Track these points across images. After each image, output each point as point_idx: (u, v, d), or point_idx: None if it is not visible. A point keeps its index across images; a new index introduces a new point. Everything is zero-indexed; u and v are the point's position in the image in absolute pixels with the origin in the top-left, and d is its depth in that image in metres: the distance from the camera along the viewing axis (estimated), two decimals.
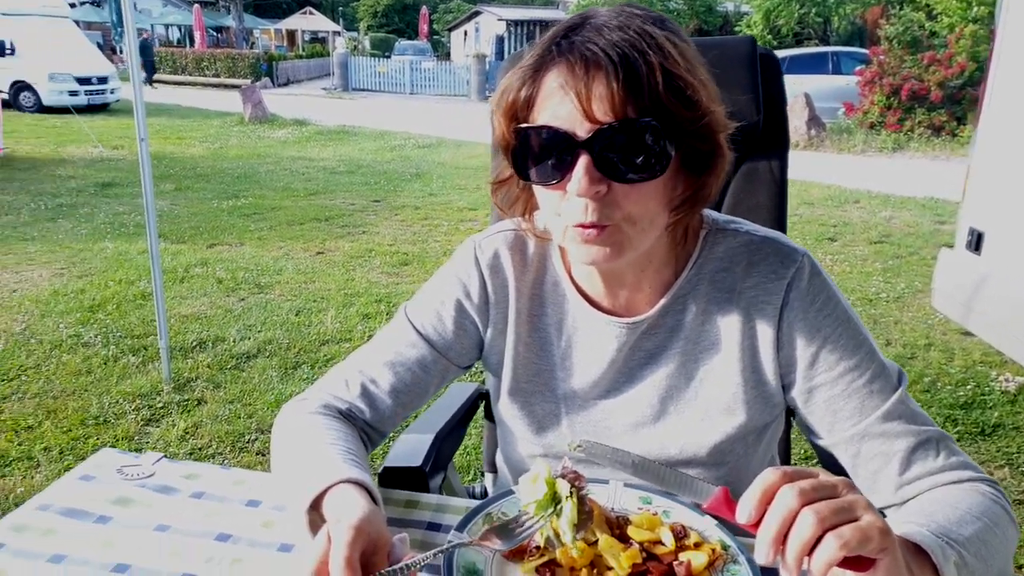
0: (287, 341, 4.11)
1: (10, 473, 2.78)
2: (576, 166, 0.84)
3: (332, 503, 0.84)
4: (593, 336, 1.04)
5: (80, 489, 1.01)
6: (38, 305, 4.57)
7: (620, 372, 1.04)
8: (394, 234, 6.58)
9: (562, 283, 1.06)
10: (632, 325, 1.01)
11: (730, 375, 1.00)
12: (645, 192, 0.87)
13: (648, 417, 1.03)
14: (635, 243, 0.89)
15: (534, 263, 1.07)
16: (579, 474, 0.82)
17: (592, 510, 0.83)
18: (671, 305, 1.01)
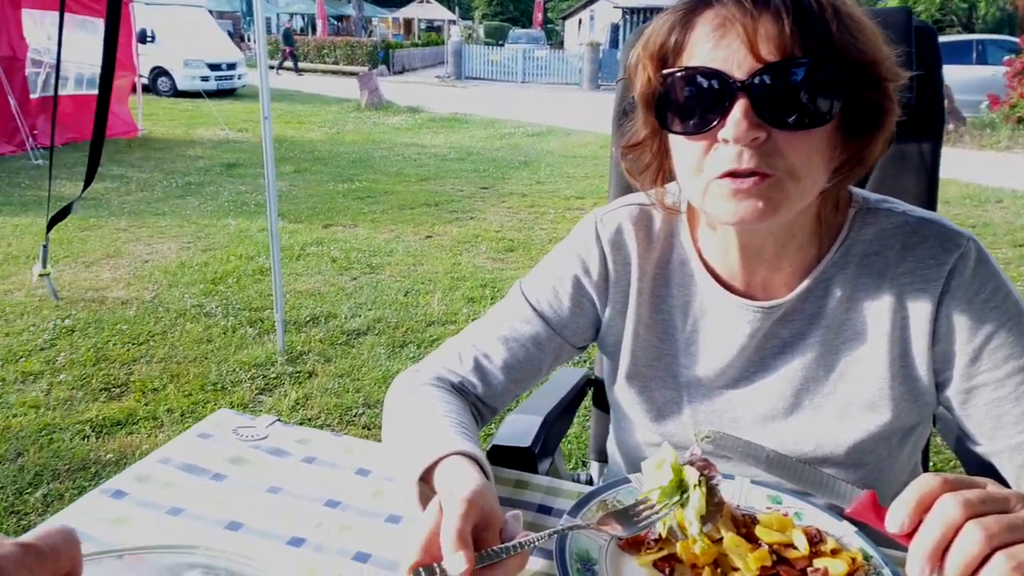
0: (395, 320, 4.18)
1: (137, 431, 2.94)
2: (732, 110, 0.78)
3: (443, 475, 0.81)
4: (723, 320, 0.97)
5: (198, 446, 1.03)
6: (166, 276, 4.82)
7: (751, 360, 0.97)
8: (501, 221, 6.59)
9: (691, 262, 0.99)
10: (768, 310, 0.93)
11: (876, 369, 0.91)
12: (809, 142, 0.80)
13: (780, 410, 0.95)
14: (793, 201, 0.82)
15: (660, 239, 1.01)
16: (710, 462, 0.76)
17: (722, 503, 0.76)
18: (813, 289, 0.93)
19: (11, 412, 3.03)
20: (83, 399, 3.16)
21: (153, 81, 16.00)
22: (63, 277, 4.66)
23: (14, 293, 4.39)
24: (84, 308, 4.19)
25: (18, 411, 3.03)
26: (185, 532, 0.85)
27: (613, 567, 0.79)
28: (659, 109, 0.86)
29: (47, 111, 7.90)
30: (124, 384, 3.32)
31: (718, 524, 0.79)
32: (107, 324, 3.96)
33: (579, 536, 0.81)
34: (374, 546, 0.84)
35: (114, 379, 3.36)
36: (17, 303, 4.22)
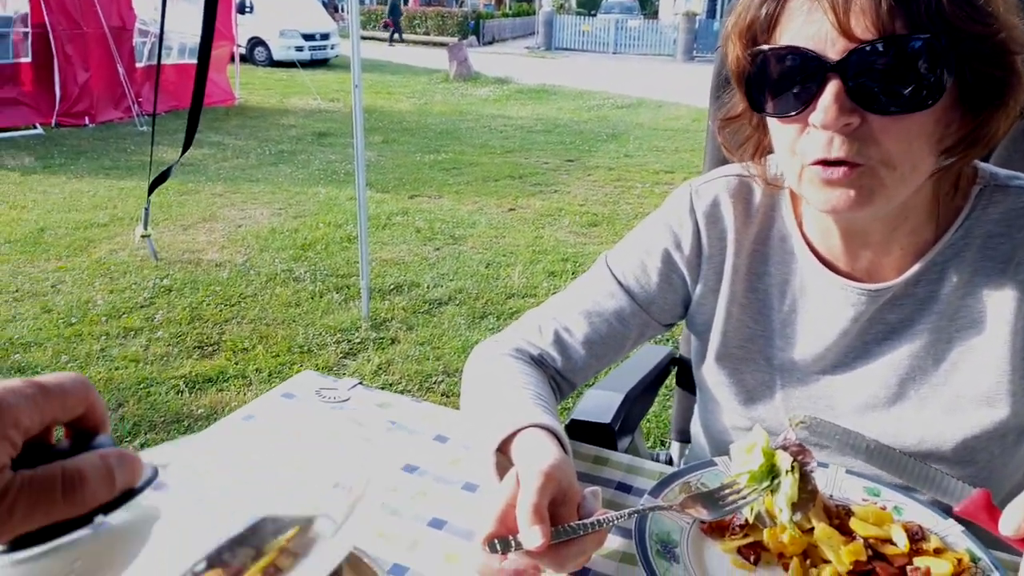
0: (476, 291, 4.19)
1: (227, 388, 3.05)
2: (823, 94, 0.72)
3: (521, 447, 0.79)
4: (824, 302, 0.91)
5: (280, 406, 1.04)
6: (258, 240, 4.97)
7: (852, 346, 0.91)
8: (585, 194, 6.52)
9: (791, 239, 0.94)
10: (874, 293, 0.87)
11: (994, 361, 0.84)
12: (909, 127, 0.72)
13: (881, 400, 0.89)
14: (889, 191, 0.76)
15: (760, 214, 0.96)
16: (804, 448, 0.72)
17: (816, 491, 0.72)
18: (925, 272, 0.86)
19: (113, 365, 3.19)
20: (178, 356, 3.30)
21: (250, 51, 16.44)
22: (162, 239, 4.87)
23: (118, 253, 4.61)
24: (181, 269, 4.37)
25: (119, 364, 3.20)
26: None
27: (694, 551, 0.76)
28: (749, 88, 0.81)
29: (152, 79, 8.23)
30: (216, 343, 3.45)
31: (809, 514, 0.75)
32: (202, 285, 4.12)
33: (660, 517, 0.79)
34: (450, 513, 0.84)
35: (207, 338, 3.50)
36: (121, 262, 4.44)
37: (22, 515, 0.39)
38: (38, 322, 3.60)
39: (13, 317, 3.65)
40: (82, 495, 0.40)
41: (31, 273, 4.24)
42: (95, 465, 0.41)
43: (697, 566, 0.74)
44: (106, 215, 5.40)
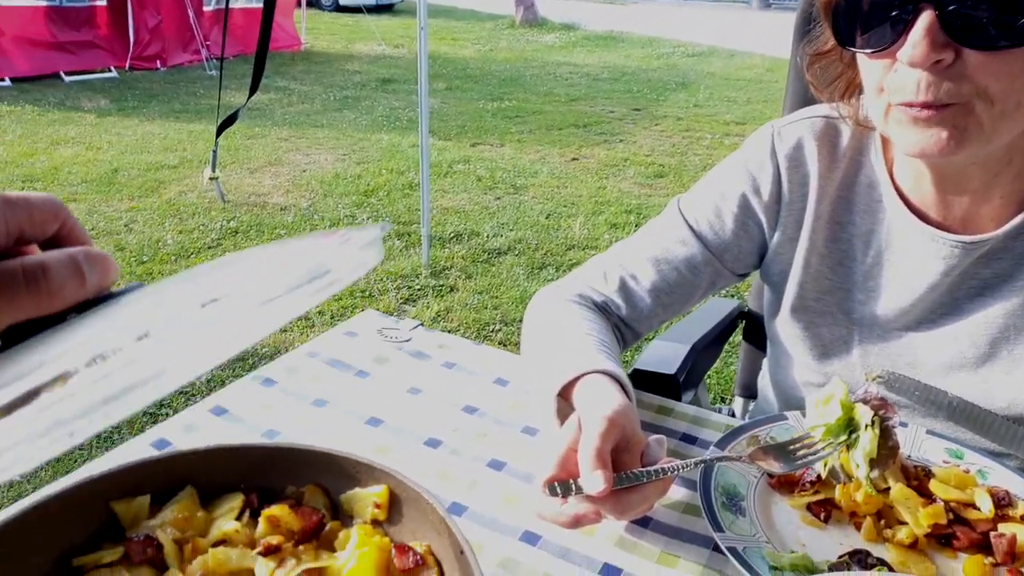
0: (536, 242, 4.16)
1: (290, 329, 3.11)
2: (914, 26, 0.66)
3: (584, 392, 0.77)
4: (912, 254, 0.85)
5: (344, 343, 1.04)
6: (322, 185, 5.02)
7: (941, 301, 0.85)
8: (652, 145, 6.37)
9: (880, 185, 0.88)
10: (969, 245, 0.81)
11: None
12: (1012, 63, 0.66)
13: (969, 360, 0.84)
14: (988, 132, 0.69)
15: (846, 158, 0.90)
16: (887, 402, 0.68)
17: (897, 447, 0.68)
18: None
19: None
20: None
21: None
22: (230, 181, 4.95)
23: (187, 194, 4.71)
24: (247, 211, 4.44)
25: None
26: (328, 423, 0.87)
27: (761, 506, 0.74)
28: (836, 20, 0.75)
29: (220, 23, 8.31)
30: None
31: (886, 473, 0.72)
32: (267, 228, 4.19)
33: (727, 470, 0.76)
34: (509, 455, 0.83)
35: None
36: (190, 203, 4.54)
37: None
38: None
39: None
40: (47, 288, 0.37)
41: (105, 212, 4.37)
42: (59, 260, 0.38)
43: (764, 520, 0.72)
44: (176, 157, 5.51)
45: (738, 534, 0.69)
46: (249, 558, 0.59)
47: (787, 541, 0.70)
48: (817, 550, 0.69)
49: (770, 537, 0.70)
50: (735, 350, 2.92)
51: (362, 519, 0.65)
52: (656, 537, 0.72)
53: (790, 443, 0.73)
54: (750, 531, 0.70)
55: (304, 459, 0.67)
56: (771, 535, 0.70)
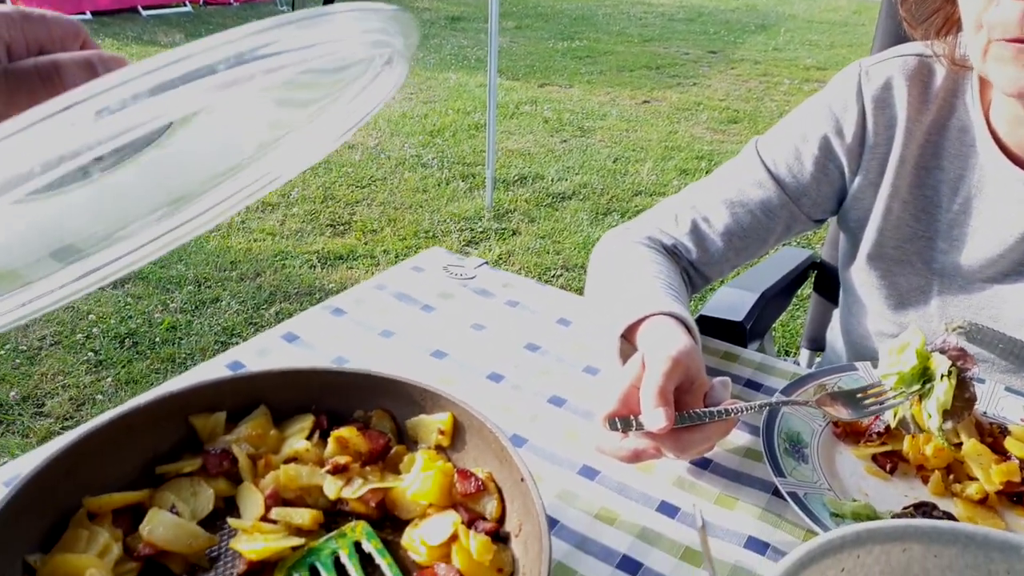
0: (601, 187, 4.11)
1: (356, 266, 3.17)
2: None
3: (648, 333, 0.77)
4: (1004, 202, 0.81)
5: (411, 278, 1.06)
6: (389, 124, 5.03)
7: None
8: (727, 89, 6.18)
9: (973, 129, 0.83)
10: None
11: None
12: None
13: None
14: None
15: (938, 99, 0.85)
16: (966, 353, 0.65)
17: (973, 400, 0.66)
18: None
19: (252, 237, 3.36)
20: (311, 232, 3.44)
21: None
22: None
23: None
24: None
25: (258, 236, 3.37)
26: (394, 354, 0.89)
27: (825, 454, 0.73)
28: None
29: None
30: (347, 223, 3.57)
31: (959, 427, 0.70)
32: (335, 166, 4.24)
33: (791, 417, 0.75)
34: (570, 393, 0.84)
35: (338, 217, 3.61)
36: None
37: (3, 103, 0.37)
38: None
39: None
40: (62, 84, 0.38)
41: None
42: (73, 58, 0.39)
43: (827, 469, 0.71)
44: None
45: (799, 480, 0.68)
46: (318, 476, 0.62)
47: (850, 490, 0.69)
48: (881, 501, 0.68)
49: (832, 485, 0.69)
50: (803, 303, 2.85)
51: (426, 444, 0.67)
52: (715, 479, 0.72)
53: (859, 390, 0.72)
54: (812, 478, 0.69)
55: (373, 384, 0.69)
56: (833, 483, 0.69)
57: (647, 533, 0.66)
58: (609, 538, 0.65)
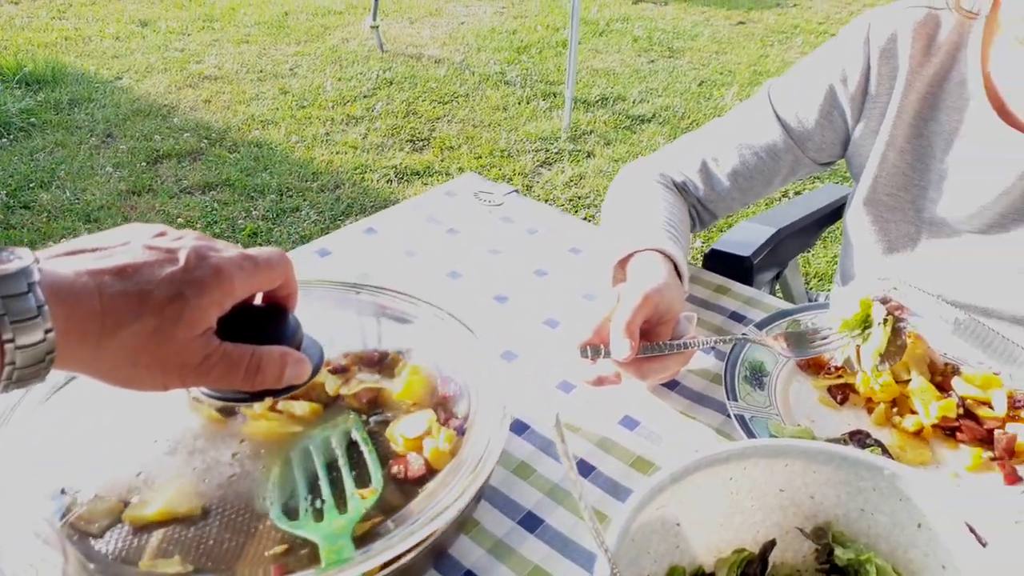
0: (683, 110, 4.05)
1: (431, 183, 3.28)
2: None
3: (635, 266, 0.84)
4: (991, 156, 0.83)
5: (443, 202, 1.15)
6: (477, 39, 5.04)
7: (1013, 207, 0.84)
8: (828, 11, 5.85)
9: (971, 83, 0.85)
10: None
11: None
12: None
13: None
14: None
15: (941, 52, 0.87)
16: (902, 304, 0.71)
17: (905, 346, 0.72)
18: None
19: (335, 149, 3.51)
20: (391, 147, 3.56)
21: None
22: (390, 31, 5.07)
23: (349, 42, 4.89)
24: (403, 63, 4.58)
25: (340, 149, 3.51)
26: (413, 272, 0.99)
27: (783, 383, 0.80)
28: None
29: None
30: (426, 139, 3.67)
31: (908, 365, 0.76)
32: (420, 80, 4.31)
33: (758, 348, 0.82)
34: (566, 316, 0.92)
35: (419, 133, 3.72)
36: (351, 51, 4.72)
37: (214, 378, 0.51)
38: (276, 102, 3.99)
39: (256, 96, 4.07)
40: (257, 380, 0.53)
41: (274, 56, 4.64)
42: (275, 360, 0.53)
43: (781, 397, 0.78)
44: (343, 3, 5.67)
45: (751, 404, 0.76)
46: (322, 375, 0.73)
47: (797, 417, 0.76)
48: (824, 427, 0.75)
49: (782, 411, 0.76)
50: None
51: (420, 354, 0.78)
52: (679, 400, 0.80)
53: (810, 332, 0.78)
54: (764, 403, 0.77)
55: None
56: (783, 410, 0.77)
57: (605, 442, 0.75)
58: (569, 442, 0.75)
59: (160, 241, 0.51)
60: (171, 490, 0.61)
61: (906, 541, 0.53)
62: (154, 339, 0.47)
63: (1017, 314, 0.86)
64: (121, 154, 3.40)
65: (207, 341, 0.50)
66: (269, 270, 0.54)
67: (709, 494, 0.55)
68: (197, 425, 0.66)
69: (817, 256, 2.82)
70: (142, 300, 0.46)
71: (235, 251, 0.53)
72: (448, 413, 0.72)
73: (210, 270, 0.49)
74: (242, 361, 0.51)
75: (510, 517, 0.67)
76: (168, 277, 0.48)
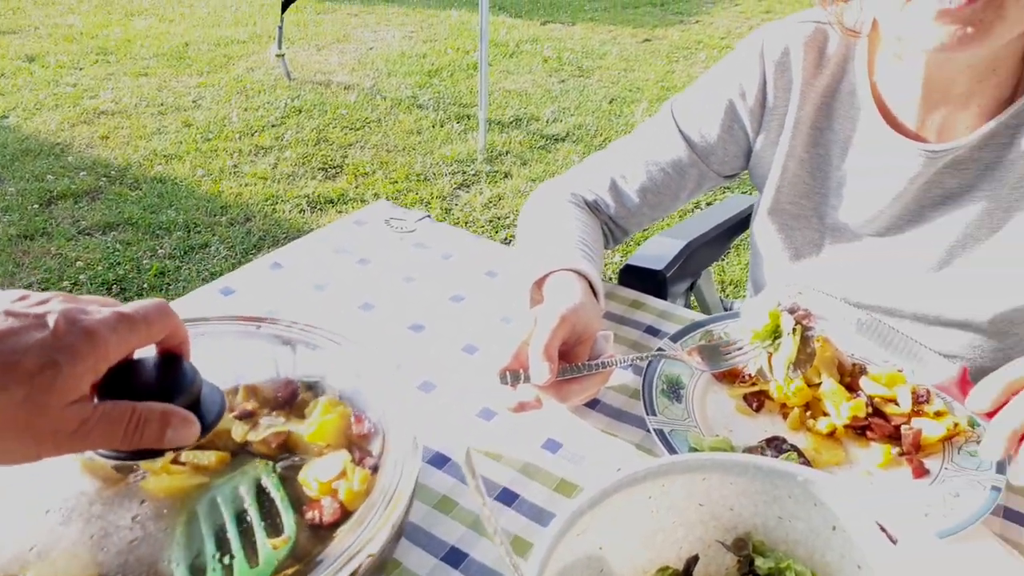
0: (595, 128, 4.12)
1: (346, 210, 3.23)
2: None
3: (551, 287, 0.84)
4: (882, 162, 0.87)
5: (352, 231, 1.13)
6: (387, 64, 5.02)
7: (906, 210, 0.87)
8: (728, 26, 6.08)
9: (860, 93, 0.88)
10: (934, 154, 0.82)
11: None
12: None
13: (928, 266, 0.87)
14: (1009, 25, 0.68)
15: (831, 64, 0.90)
16: (809, 313, 0.73)
17: (815, 353, 0.73)
18: (996, 135, 0.80)
19: (244, 182, 3.43)
20: (303, 176, 3.50)
21: None
22: (296, 59, 5.00)
23: (255, 71, 4.80)
24: (311, 90, 4.52)
25: (249, 181, 3.43)
26: (324, 306, 0.96)
27: (700, 395, 0.81)
28: None
29: None
30: (339, 166, 3.62)
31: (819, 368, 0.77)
32: (330, 107, 4.26)
33: (674, 362, 0.83)
34: (485, 342, 0.91)
35: (331, 160, 3.66)
36: (257, 81, 4.63)
37: (92, 442, 0.48)
38: (179, 136, 3.87)
39: (158, 130, 3.94)
40: (137, 440, 0.50)
41: (175, 88, 4.51)
42: (155, 420, 0.50)
43: (699, 408, 0.79)
44: (246, 32, 5.58)
45: (670, 418, 0.76)
46: (227, 421, 0.70)
47: (715, 427, 0.77)
48: (742, 435, 0.76)
49: (700, 423, 0.77)
50: None
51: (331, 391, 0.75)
52: (600, 418, 0.80)
53: (724, 344, 0.79)
54: (682, 416, 0.77)
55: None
56: (702, 422, 0.77)
57: (528, 468, 0.74)
58: (492, 472, 0.73)
59: (22, 306, 0.47)
60: (67, 563, 0.57)
61: (823, 545, 0.54)
62: (24, 409, 0.44)
63: (917, 311, 0.89)
64: (10, 196, 3.23)
65: (82, 407, 0.46)
66: (147, 327, 0.51)
67: (629, 514, 0.54)
68: (92, 489, 0.62)
69: (731, 264, 2.89)
70: (8, 370, 0.43)
71: (108, 311, 0.50)
72: (363, 452, 0.69)
73: (82, 334, 0.46)
74: (121, 421, 0.48)
75: (433, 554, 0.65)
76: (37, 344, 0.44)
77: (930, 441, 0.72)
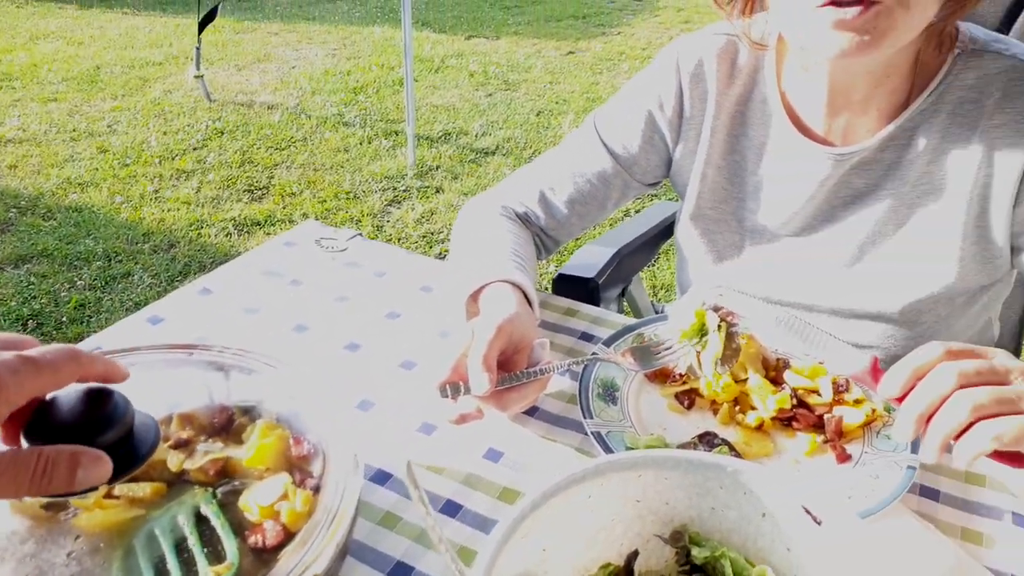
0: (524, 141, 4.17)
1: (274, 232, 3.18)
2: None
3: (486, 299, 0.85)
4: (794, 166, 0.91)
5: (282, 253, 1.12)
6: (311, 82, 4.98)
7: (819, 209, 0.92)
8: (649, 37, 6.24)
9: (771, 101, 0.92)
10: (841, 157, 0.87)
11: (949, 226, 0.84)
12: None
13: (841, 262, 0.91)
14: (899, 34, 0.73)
15: (743, 75, 0.94)
16: (732, 311, 0.76)
17: (740, 348, 0.77)
18: (895, 137, 0.85)
19: (166, 207, 3.34)
20: (228, 199, 3.43)
21: None
22: (216, 79, 4.91)
23: (173, 93, 4.70)
24: (234, 111, 4.44)
25: (172, 206, 3.35)
26: (256, 330, 0.95)
27: (634, 396, 0.83)
28: None
29: None
30: (265, 187, 3.57)
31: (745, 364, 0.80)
32: (254, 128, 4.20)
33: (608, 365, 0.85)
34: (422, 357, 0.91)
35: (256, 182, 3.61)
36: (175, 103, 4.53)
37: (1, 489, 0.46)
38: (94, 162, 3.76)
39: (71, 157, 3.81)
40: (46, 485, 0.47)
41: (88, 113, 4.37)
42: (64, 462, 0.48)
43: (633, 409, 0.81)
44: (161, 53, 5.45)
45: (606, 420, 0.78)
46: (162, 451, 0.69)
47: (649, 426, 0.79)
48: (675, 433, 0.78)
49: (635, 423, 0.79)
50: None
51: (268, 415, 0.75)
52: (539, 424, 0.81)
53: (654, 345, 0.82)
54: (618, 418, 0.79)
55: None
56: (637, 422, 0.79)
57: (471, 478, 0.75)
58: (435, 484, 0.74)
59: None
60: None
61: (754, 531, 0.56)
62: None
63: (834, 306, 0.94)
64: None
65: None
66: (53, 371, 0.49)
67: (570, 515, 0.56)
68: (23, 528, 0.60)
69: (661, 269, 2.96)
70: None
71: (10, 354, 0.48)
72: (304, 473, 0.69)
73: None
74: (28, 466, 0.46)
75: (378, 570, 0.65)
76: None
77: (851, 428, 0.76)
